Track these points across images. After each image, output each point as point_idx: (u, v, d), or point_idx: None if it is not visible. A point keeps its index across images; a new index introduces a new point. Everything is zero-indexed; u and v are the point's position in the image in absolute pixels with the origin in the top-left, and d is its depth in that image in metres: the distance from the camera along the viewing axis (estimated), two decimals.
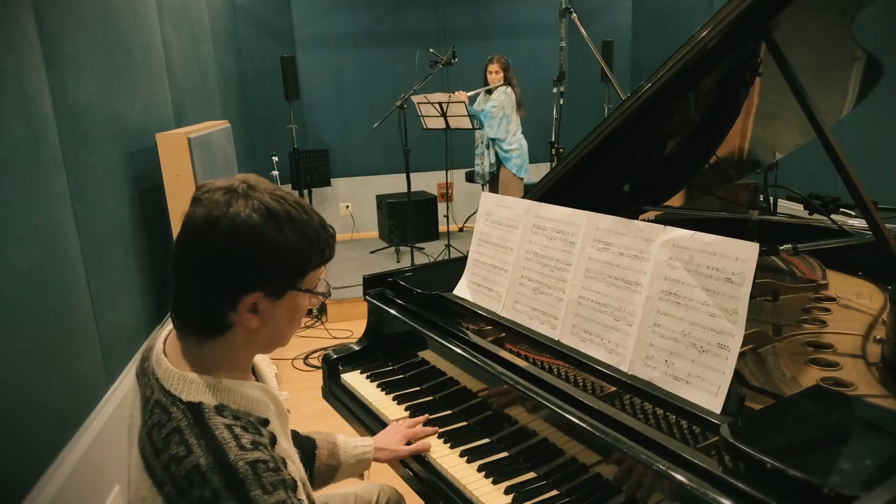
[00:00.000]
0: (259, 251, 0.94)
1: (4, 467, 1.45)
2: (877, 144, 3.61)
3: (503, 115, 4.77)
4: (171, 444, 0.91)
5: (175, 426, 0.92)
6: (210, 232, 0.93)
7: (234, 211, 0.93)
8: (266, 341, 1.04)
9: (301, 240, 0.97)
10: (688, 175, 2.17)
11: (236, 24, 5.82)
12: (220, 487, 0.88)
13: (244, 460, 0.90)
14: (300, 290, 1.01)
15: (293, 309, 1.02)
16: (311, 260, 1.00)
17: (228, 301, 0.96)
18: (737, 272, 1.17)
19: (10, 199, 1.58)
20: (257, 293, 0.96)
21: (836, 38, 1.75)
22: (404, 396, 1.71)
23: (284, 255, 0.96)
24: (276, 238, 0.94)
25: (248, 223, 0.93)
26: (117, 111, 2.39)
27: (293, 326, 1.05)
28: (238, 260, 0.93)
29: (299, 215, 0.98)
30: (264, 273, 0.95)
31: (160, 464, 0.91)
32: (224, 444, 0.91)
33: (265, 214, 0.94)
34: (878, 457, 0.98)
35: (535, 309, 1.54)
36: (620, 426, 1.17)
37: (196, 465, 0.89)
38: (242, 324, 0.98)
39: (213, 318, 0.97)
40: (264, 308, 0.98)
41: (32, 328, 1.63)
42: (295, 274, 0.99)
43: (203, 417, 0.93)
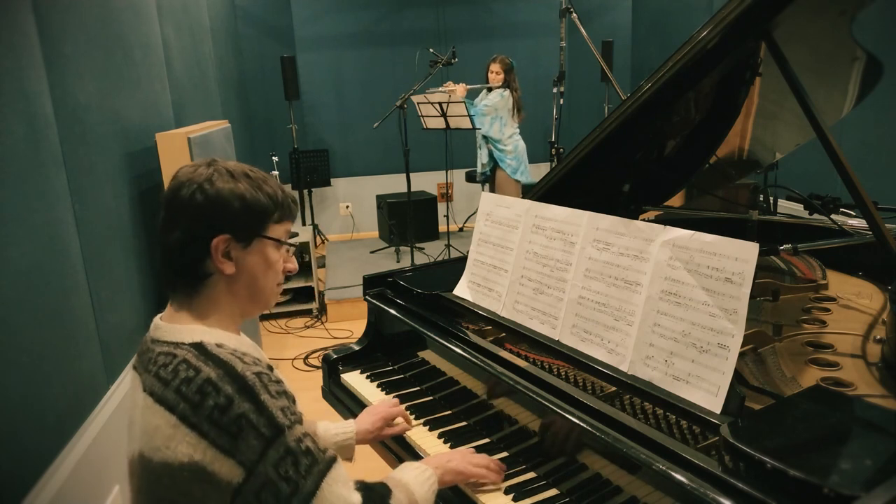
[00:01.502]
0: (221, 198, 1.07)
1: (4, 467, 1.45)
2: (877, 144, 3.62)
3: (495, 116, 4.76)
4: (180, 371, 1.00)
5: (181, 359, 1.02)
6: (178, 191, 1.08)
7: (198, 175, 1.08)
8: (247, 291, 1.13)
9: (258, 192, 1.10)
10: (688, 175, 2.17)
11: (236, 24, 5.82)
12: (233, 392, 0.98)
13: (250, 371, 1.01)
14: (267, 237, 1.11)
15: (264, 259, 1.12)
16: (271, 211, 1.11)
17: (201, 243, 1.07)
18: (737, 272, 1.17)
19: (10, 199, 1.58)
20: (225, 236, 1.07)
21: (836, 38, 1.75)
22: (404, 396, 1.71)
23: (244, 202, 1.08)
24: (234, 187, 1.08)
25: (209, 180, 1.07)
26: (117, 111, 2.39)
27: (269, 280, 1.14)
28: (205, 207, 1.06)
29: (255, 175, 1.12)
30: (227, 215, 1.07)
31: (171, 390, 1.00)
32: (230, 361, 1.01)
33: (224, 172, 1.09)
34: (878, 457, 0.98)
35: (535, 309, 1.54)
36: (620, 426, 1.17)
37: (207, 379, 0.98)
38: (219, 270, 1.08)
39: (191, 264, 1.08)
40: (236, 254, 1.09)
41: (32, 328, 1.63)
42: (257, 221, 1.10)
43: (207, 349, 1.03)
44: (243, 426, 0.96)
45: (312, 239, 4.87)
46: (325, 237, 6.39)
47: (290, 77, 5.64)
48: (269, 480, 0.97)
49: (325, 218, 6.50)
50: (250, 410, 0.97)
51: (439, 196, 6.03)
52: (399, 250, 5.33)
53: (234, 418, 0.96)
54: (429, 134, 5.11)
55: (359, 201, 6.53)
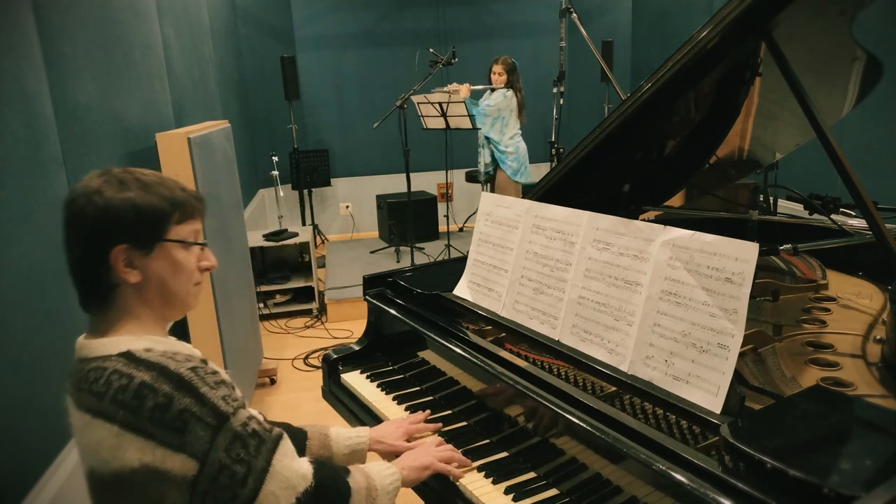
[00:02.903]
0: (112, 208, 1.04)
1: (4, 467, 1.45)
2: (877, 144, 3.62)
3: (497, 117, 4.76)
4: (112, 382, 1.00)
5: (112, 370, 1.01)
6: (72, 206, 1.06)
7: (87, 188, 1.06)
8: (160, 297, 1.11)
9: (151, 195, 1.07)
10: (688, 175, 2.17)
11: (236, 24, 5.82)
12: (171, 390, 0.98)
13: (184, 367, 1.02)
14: (168, 240, 1.09)
15: (173, 262, 1.10)
16: (169, 213, 1.09)
17: (100, 257, 1.05)
18: (737, 272, 1.17)
19: (10, 199, 1.58)
20: (121, 246, 1.05)
21: (836, 38, 1.75)
22: (404, 396, 1.71)
23: (136, 208, 1.05)
24: (125, 195, 1.05)
25: (99, 192, 1.05)
26: (117, 111, 2.39)
27: (182, 282, 1.12)
28: (97, 220, 1.04)
29: (149, 179, 1.10)
30: (122, 226, 1.05)
31: (107, 401, 0.99)
32: (161, 362, 1.01)
33: (113, 181, 1.06)
34: (878, 457, 0.98)
35: (535, 309, 1.54)
36: (620, 426, 1.17)
37: (142, 382, 0.99)
38: (124, 280, 1.07)
39: (94, 278, 1.07)
40: (139, 262, 1.07)
41: (32, 328, 1.63)
42: (156, 226, 1.08)
43: (136, 356, 1.03)
44: (188, 420, 0.98)
45: (312, 239, 4.87)
46: (325, 237, 6.39)
47: (290, 77, 5.64)
48: (222, 465, 1.00)
49: (325, 218, 6.50)
50: (192, 404, 0.98)
51: (439, 196, 6.03)
52: (399, 250, 5.33)
53: (176, 414, 0.97)
54: (429, 134, 5.11)
55: (359, 201, 6.53)
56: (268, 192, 6.00)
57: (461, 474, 1.36)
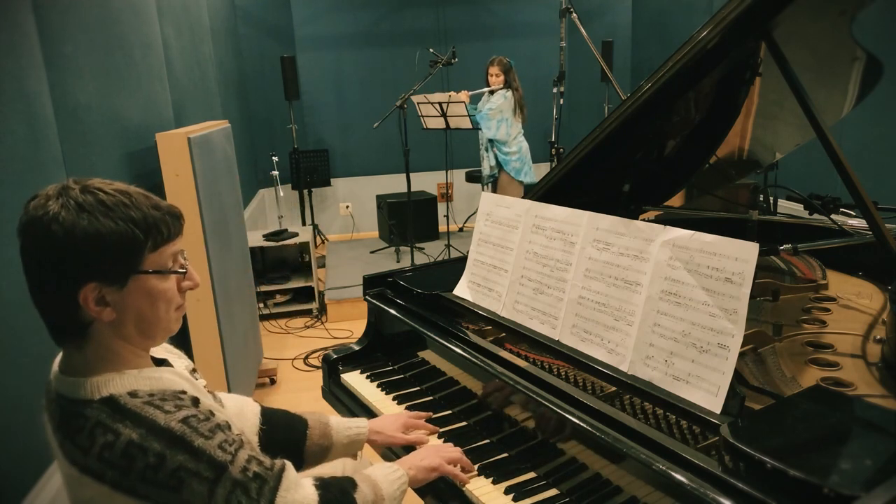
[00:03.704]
0: (73, 244, 0.93)
1: (4, 467, 1.45)
2: (877, 144, 3.62)
3: (501, 118, 4.76)
4: (97, 438, 0.92)
5: (95, 422, 0.93)
6: (28, 238, 0.95)
7: (46, 212, 0.93)
8: (138, 331, 1.01)
9: (120, 223, 0.95)
10: (688, 175, 2.17)
11: (236, 24, 5.82)
12: (163, 449, 0.91)
13: (175, 420, 0.94)
14: (143, 272, 0.98)
15: (149, 294, 1.00)
16: (142, 241, 0.97)
17: (65, 299, 0.95)
18: (737, 272, 1.17)
19: (10, 199, 1.58)
20: (91, 284, 0.95)
21: (836, 38, 1.75)
22: (404, 396, 1.71)
23: (102, 242, 0.94)
24: (88, 228, 0.93)
25: (57, 220, 0.92)
26: (117, 111, 2.39)
27: (161, 311, 1.03)
28: (56, 258, 0.94)
29: (115, 200, 0.96)
30: (87, 263, 0.94)
31: (93, 458, 0.92)
32: (149, 416, 0.93)
33: (74, 209, 0.93)
34: (878, 457, 0.98)
35: (535, 309, 1.54)
36: (620, 426, 1.17)
37: (129, 442, 0.91)
38: (99, 318, 0.97)
39: (63, 319, 0.97)
40: (112, 298, 0.97)
41: (33, 328, 1.63)
42: (127, 258, 0.97)
43: (119, 405, 0.94)
44: (183, 478, 0.92)
45: (312, 239, 4.88)
46: (325, 237, 6.39)
47: (290, 77, 5.64)
48: None
49: (325, 218, 6.50)
50: (187, 460, 0.92)
51: (439, 196, 6.03)
52: (399, 250, 5.33)
53: (170, 472, 0.92)
54: (429, 134, 5.11)
55: (359, 201, 6.53)
56: (268, 192, 6.00)
57: (467, 480, 1.33)
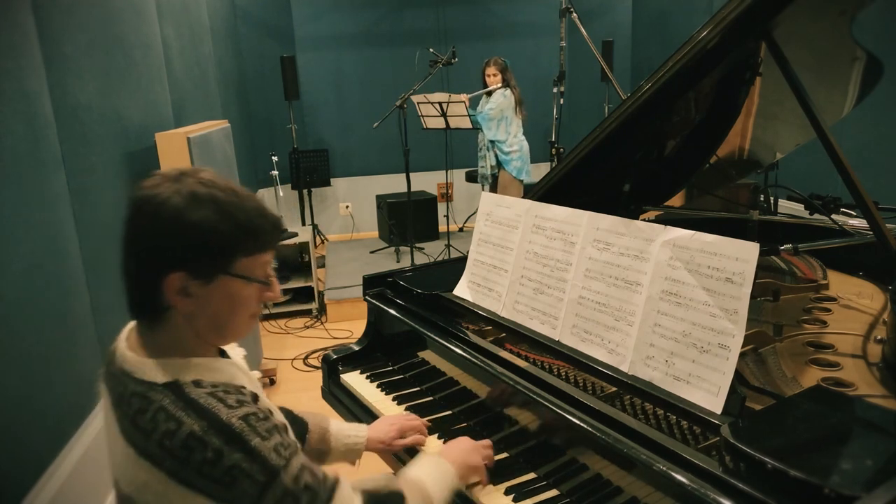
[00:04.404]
0: (176, 230, 0.94)
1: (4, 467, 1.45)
2: (877, 144, 3.62)
3: (501, 118, 4.76)
4: (160, 423, 0.93)
5: (158, 406, 0.94)
6: (136, 213, 0.97)
7: (158, 193, 0.95)
8: (209, 329, 1.02)
9: (225, 221, 0.96)
10: (688, 175, 2.17)
11: (236, 24, 5.82)
12: (221, 445, 0.91)
13: (236, 416, 0.93)
14: (231, 274, 0.99)
15: (230, 297, 1.00)
16: (240, 243, 0.98)
17: (151, 280, 0.96)
18: (737, 272, 1.17)
19: (10, 199, 1.58)
20: (180, 273, 0.95)
21: (836, 38, 1.75)
22: (404, 396, 1.71)
23: (204, 235, 0.95)
24: (194, 217, 0.94)
25: (168, 203, 0.94)
26: (117, 111, 2.39)
27: (237, 317, 1.03)
28: (157, 237, 0.95)
29: (227, 198, 0.97)
30: (183, 251, 0.95)
31: (154, 443, 0.93)
32: (212, 407, 0.93)
33: (187, 196, 0.95)
34: (879, 457, 0.98)
35: (535, 309, 1.54)
36: (621, 426, 1.17)
37: (190, 433, 0.92)
38: (176, 307, 0.98)
39: (144, 298, 0.99)
40: (195, 291, 0.97)
41: (32, 329, 1.63)
42: (220, 256, 0.97)
43: (183, 392, 0.95)
44: (236, 476, 0.91)
45: (312, 239, 4.87)
46: (325, 237, 6.39)
47: (290, 77, 5.64)
48: None
49: (325, 218, 6.49)
50: (242, 459, 0.92)
51: (439, 196, 6.03)
52: (399, 250, 5.33)
53: (226, 470, 0.91)
54: (429, 134, 5.11)
55: (359, 201, 6.53)
56: (267, 191, 5.99)
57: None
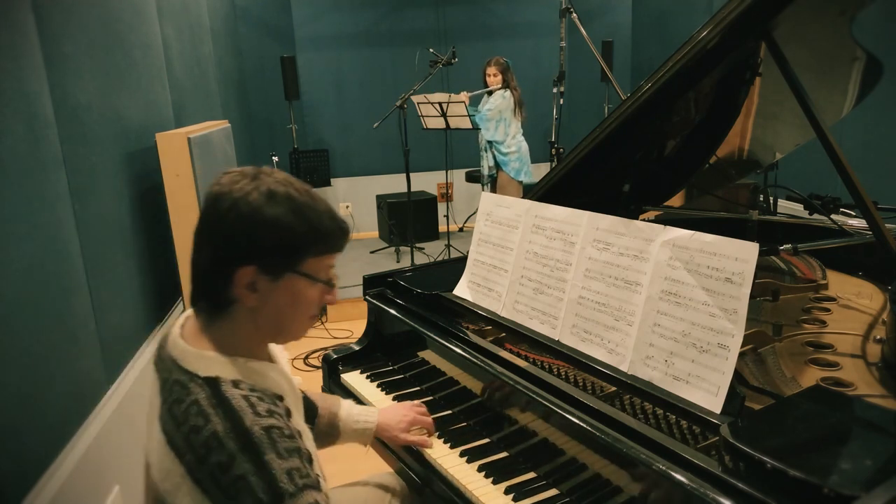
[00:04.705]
0: (252, 224, 0.97)
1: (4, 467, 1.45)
2: (877, 144, 3.61)
3: (500, 119, 4.77)
4: (191, 416, 0.94)
5: (193, 399, 0.96)
6: (214, 205, 0.99)
7: (236, 189, 0.98)
8: (271, 326, 1.04)
9: (298, 220, 0.98)
10: (688, 175, 2.17)
11: (236, 24, 5.82)
12: (236, 450, 0.90)
13: (259, 425, 0.93)
14: (299, 273, 1.01)
15: (295, 295, 1.02)
16: (310, 243, 1.01)
17: (222, 273, 0.99)
18: (737, 272, 1.17)
19: (10, 198, 1.58)
20: (251, 267, 0.98)
21: (836, 38, 1.75)
22: (404, 396, 1.71)
23: (277, 232, 0.97)
24: (269, 213, 0.97)
25: (246, 199, 0.97)
26: (117, 111, 2.39)
27: (298, 316, 1.05)
28: (232, 230, 0.98)
29: (301, 199, 1.00)
30: (256, 246, 0.98)
31: (181, 435, 0.95)
32: (240, 411, 0.93)
33: (265, 193, 0.98)
34: (878, 457, 0.98)
35: (535, 309, 1.54)
36: (620, 426, 1.17)
37: (213, 433, 0.92)
38: (242, 301, 1.00)
39: (213, 289, 1.01)
40: (262, 287, 1.00)
41: (33, 328, 1.63)
42: (290, 254, 1.00)
43: (220, 390, 0.96)
44: (240, 489, 0.89)
45: None
46: None
47: (290, 77, 5.63)
48: None
49: None
50: (250, 472, 0.89)
51: (439, 196, 6.03)
52: (399, 250, 5.33)
53: (233, 479, 0.90)
54: (429, 134, 5.11)
55: (359, 201, 6.52)
56: None
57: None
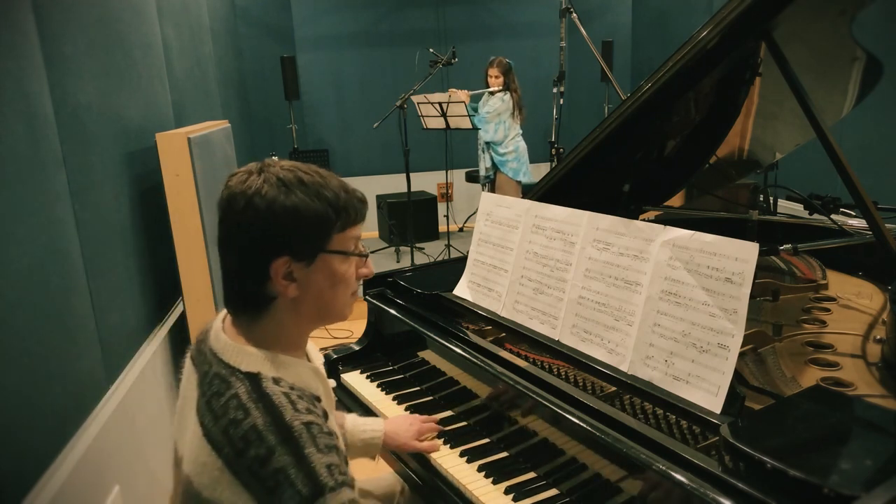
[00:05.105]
0: (274, 216, 0.98)
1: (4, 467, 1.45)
2: (877, 144, 3.61)
3: (499, 121, 4.78)
4: (230, 410, 0.95)
5: (233, 393, 0.97)
6: (229, 208, 1.01)
7: (247, 186, 1.00)
8: (314, 311, 1.07)
9: (315, 200, 1.00)
10: (688, 175, 2.17)
11: (236, 24, 5.82)
12: (275, 444, 0.92)
13: (299, 420, 0.94)
14: (329, 252, 1.03)
15: (331, 274, 1.05)
16: (333, 220, 1.03)
17: (259, 269, 1.00)
18: (737, 272, 1.17)
19: (10, 198, 1.58)
20: (284, 258, 1.00)
21: (836, 38, 1.75)
22: (404, 396, 1.71)
23: (300, 217, 0.99)
24: (286, 201, 0.99)
25: (259, 193, 0.99)
26: (117, 111, 2.39)
27: (340, 294, 1.08)
28: (257, 227, 0.99)
29: (312, 179, 1.02)
30: (284, 236, 1.00)
31: (219, 429, 0.95)
32: (280, 407, 0.95)
33: (276, 183, 0.99)
34: (878, 457, 0.98)
35: (535, 309, 1.54)
36: (620, 426, 1.18)
37: (253, 426, 0.93)
38: (282, 293, 1.02)
39: (253, 290, 1.02)
40: (299, 275, 1.02)
41: (33, 328, 1.63)
42: (318, 236, 1.02)
43: (261, 386, 0.97)
44: (280, 481, 0.90)
45: None
46: None
47: (290, 77, 5.64)
48: None
49: None
50: (290, 464, 0.90)
51: (439, 196, 6.03)
52: (399, 250, 5.33)
53: (272, 472, 0.91)
54: (429, 134, 5.11)
55: None
56: None
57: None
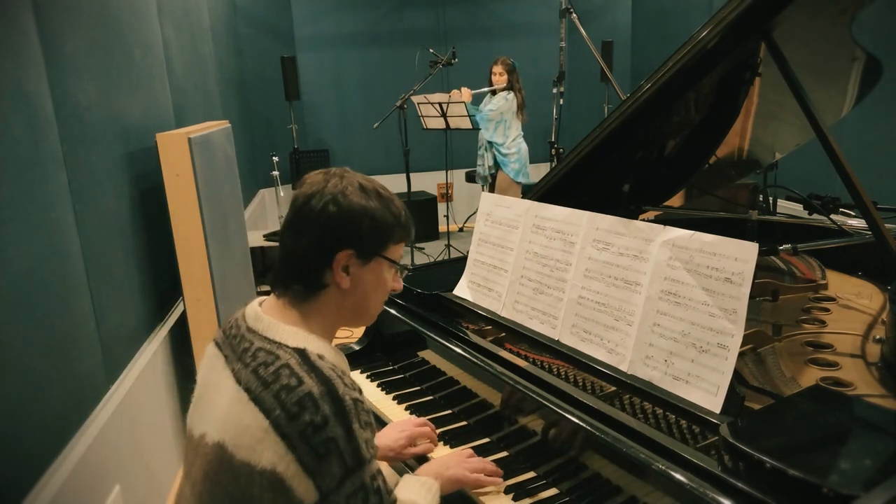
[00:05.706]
0: (352, 213, 1.09)
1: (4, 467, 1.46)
2: (877, 144, 3.61)
3: (500, 120, 4.77)
4: (282, 377, 1.00)
5: (284, 363, 1.02)
6: (308, 203, 1.10)
7: (330, 186, 1.10)
8: (352, 307, 1.15)
9: (386, 210, 1.12)
10: (688, 175, 2.17)
11: (236, 24, 5.82)
12: (330, 414, 0.98)
13: (349, 396, 1.01)
14: (385, 258, 1.14)
15: (378, 277, 1.15)
16: (394, 231, 1.14)
17: (325, 256, 1.09)
18: (736, 272, 1.17)
19: (10, 198, 1.58)
20: (349, 251, 1.09)
21: (836, 38, 1.75)
22: (404, 396, 1.71)
23: (372, 219, 1.10)
24: (365, 204, 1.10)
25: (343, 194, 1.09)
26: (117, 111, 2.39)
27: (378, 297, 1.18)
28: (334, 217, 1.08)
29: (385, 193, 1.15)
30: (355, 231, 1.09)
31: (270, 393, 1.00)
32: (332, 380, 1.01)
33: (357, 188, 1.11)
34: (878, 457, 0.98)
35: (534, 309, 1.54)
36: (620, 426, 1.18)
37: (308, 393, 0.98)
38: (335, 283, 1.10)
39: (313, 273, 1.10)
40: (354, 270, 1.11)
41: (32, 328, 1.63)
42: (381, 240, 1.13)
43: (310, 359, 1.04)
44: (331, 450, 0.97)
45: None
46: None
47: (290, 77, 5.64)
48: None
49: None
50: (341, 436, 0.98)
51: (439, 196, 6.03)
52: None
53: (324, 440, 0.97)
54: (429, 134, 5.11)
55: None
56: (268, 192, 6.00)
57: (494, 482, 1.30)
